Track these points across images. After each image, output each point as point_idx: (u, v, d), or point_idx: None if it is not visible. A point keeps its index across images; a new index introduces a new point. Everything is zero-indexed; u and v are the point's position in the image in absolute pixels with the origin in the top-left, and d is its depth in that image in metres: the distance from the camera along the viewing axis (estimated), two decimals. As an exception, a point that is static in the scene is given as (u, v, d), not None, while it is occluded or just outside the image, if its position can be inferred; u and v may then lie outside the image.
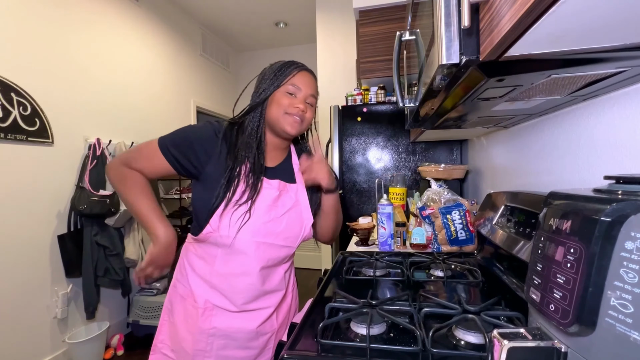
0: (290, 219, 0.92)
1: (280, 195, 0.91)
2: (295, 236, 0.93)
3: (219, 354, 0.89)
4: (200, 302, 0.89)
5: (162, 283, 2.69)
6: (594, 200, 0.40)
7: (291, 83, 0.89)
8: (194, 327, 0.88)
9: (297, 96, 0.90)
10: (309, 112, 0.92)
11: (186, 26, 3.54)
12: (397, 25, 2.11)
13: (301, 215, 0.94)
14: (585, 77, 0.56)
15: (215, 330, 0.88)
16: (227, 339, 0.89)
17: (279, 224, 0.90)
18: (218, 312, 0.89)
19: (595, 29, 0.38)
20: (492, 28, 0.43)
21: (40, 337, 2.07)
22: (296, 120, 0.89)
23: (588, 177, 0.75)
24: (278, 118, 0.89)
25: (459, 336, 0.62)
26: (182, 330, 0.90)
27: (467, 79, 0.56)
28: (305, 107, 0.90)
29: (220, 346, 0.89)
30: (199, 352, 0.88)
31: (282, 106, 0.88)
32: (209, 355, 0.88)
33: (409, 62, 1.05)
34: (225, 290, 0.89)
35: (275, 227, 0.89)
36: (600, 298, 0.36)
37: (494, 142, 1.41)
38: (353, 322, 0.68)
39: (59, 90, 2.19)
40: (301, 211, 0.94)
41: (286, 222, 0.91)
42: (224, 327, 0.89)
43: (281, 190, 0.92)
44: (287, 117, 0.89)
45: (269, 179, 0.91)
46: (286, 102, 0.88)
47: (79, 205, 2.14)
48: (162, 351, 0.93)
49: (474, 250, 1.19)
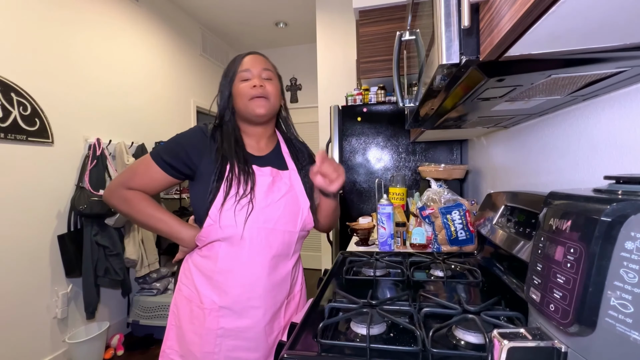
0: (287, 203, 0.93)
1: (274, 181, 0.93)
2: (294, 220, 0.94)
3: (228, 356, 0.88)
4: (207, 303, 0.88)
5: (162, 283, 2.69)
6: (594, 200, 0.40)
7: (241, 70, 0.93)
8: (201, 328, 0.88)
9: (251, 77, 0.93)
10: (269, 85, 0.94)
11: (186, 26, 3.54)
12: (397, 25, 2.11)
13: (297, 199, 0.95)
14: (585, 77, 0.56)
15: (224, 331, 0.87)
16: (235, 340, 0.88)
17: (276, 208, 0.91)
18: (224, 312, 0.88)
19: (595, 29, 0.38)
20: (492, 28, 0.43)
21: (40, 337, 2.07)
22: (261, 101, 0.92)
23: (588, 177, 0.75)
24: (246, 106, 0.92)
25: (459, 336, 0.62)
26: (189, 333, 0.89)
27: (467, 79, 0.56)
28: (262, 81, 0.92)
29: (229, 347, 0.88)
30: (207, 355, 0.87)
31: (243, 94, 0.92)
32: (217, 357, 0.87)
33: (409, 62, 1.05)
34: (230, 286, 0.88)
35: (274, 212, 0.90)
36: (600, 298, 0.36)
37: (494, 142, 1.41)
38: (353, 322, 0.68)
39: (59, 90, 2.19)
40: (297, 195, 0.96)
41: (283, 206, 0.92)
42: (231, 327, 0.88)
43: (274, 176, 0.94)
44: (252, 102, 0.92)
45: (260, 167, 0.93)
46: (244, 87, 0.92)
47: (79, 205, 2.14)
48: (171, 357, 0.92)
49: (474, 250, 1.19)
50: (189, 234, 0.91)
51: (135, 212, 0.89)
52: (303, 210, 0.95)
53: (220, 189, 0.87)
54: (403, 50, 1.16)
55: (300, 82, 4.38)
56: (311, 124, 4.23)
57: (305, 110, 4.35)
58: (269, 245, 0.89)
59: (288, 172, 0.98)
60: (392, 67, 0.90)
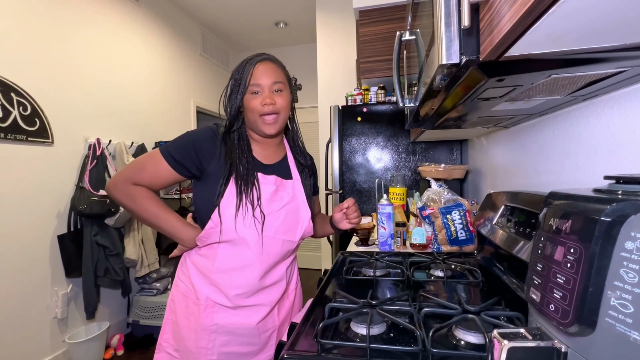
0: (288, 212, 0.94)
1: (277, 190, 0.94)
2: (295, 230, 0.95)
3: (221, 351, 0.90)
4: (202, 299, 0.90)
5: (162, 283, 2.69)
6: (594, 200, 0.40)
7: (252, 83, 0.90)
8: (196, 324, 0.90)
9: (262, 92, 0.90)
10: (280, 99, 0.92)
11: (186, 26, 3.54)
12: (397, 25, 2.11)
13: (299, 209, 0.97)
14: (585, 77, 0.56)
15: (217, 327, 0.90)
16: (229, 336, 0.90)
17: (277, 217, 0.92)
18: (219, 308, 0.90)
19: (595, 28, 0.38)
20: (492, 28, 0.43)
21: (40, 337, 2.07)
22: (270, 119, 0.91)
23: (588, 177, 0.75)
24: (256, 122, 0.92)
25: (459, 336, 0.62)
26: (184, 329, 0.92)
27: (467, 79, 0.56)
28: (273, 97, 0.90)
29: (223, 343, 0.90)
30: (201, 350, 0.89)
31: (253, 110, 0.90)
32: (211, 352, 0.89)
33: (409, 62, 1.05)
34: (225, 286, 0.90)
35: (274, 221, 0.91)
36: (600, 298, 0.36)
37: (494, 142, 1.41)
38: (353, 322, 0.68)
39: (59, 90, 2.19)
40: (298, 205, 0.97)
41: (284, 216, 0.93)
42: (225, 323, 0.90)
43: (278, 185, 0.94)
44: (261, 119, 0.91)
45: (265, 175, 0.93)
46: (256, 104, 0.90)
47: (79, 205, 2.14)
48: (167, 350, 0.95)
49: (474, 250, 1.19)
50: (191, 234, 0.92)
51: (141, 209, 0.89)
52: (304, 221, 0.97)
53: (225, 194, 0.88)
54: (403, 50, 1.16)
55: (300, 82, 4.34)
56: (311, 124, 4.23)
57: (305, 110, 4.35)
58: (268, 253, 0.91)
59: (292, 181, 0.99)
60: (392, 67, 0.90)
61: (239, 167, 0.90)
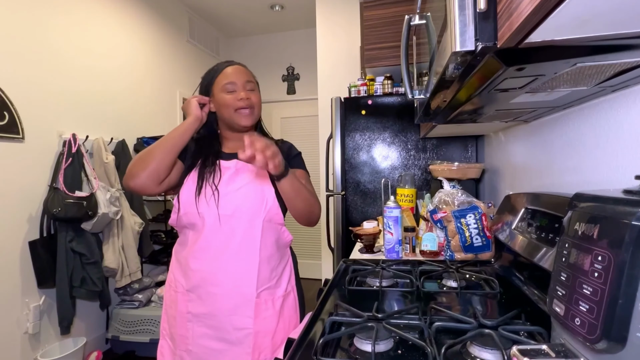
0: (249, 190, 1.05)
1: (237, 172, 1.07)
2: (257, 207, 1.04)
3: (197, 343, 1.02)
4: (179, 287, 1.06)
5: (144, 294, 2.69)
6: (624, 202, 0.40)
7: (226, 82, 1.06)
8: (176, 311, 1.06)
9: (237, 88, 1.07)
10: (254, 96, 1.09)
11: (171, 10, 3.54)
12: (406, 8, 2.11)
13: (262, 187, 1.06)
14: (614, 66, 0.56)
15: (191, 316, 1.03)
16: (202, 327, 1.02)
17: (236, 197, 1.04)
18: (191, 296, 1.03)
19: (626, 10, 0.38)
20: (511, 11, 0.43)
21: (10, 354, 2.07)
22: (247, 112, 1.08)
23: (617, 176, 0.75)
24: (231, 117, 1.07)
25: (474, 353, 0.62)
26: (170, 317, 1.09)
27: (483, 67, 0.56)
28: (247, 93, 1.08)
29: (199, 334, 1.02)
30: (182, 338, 1.04)
31: (229, 105, 1.06)
32: (190, 342, 1.03)
33: (418, 49, 1.06)
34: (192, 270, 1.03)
35: (233, 199, 1.03)
36: (631, 311, 0.36)
37: (513, 137, 1.42)
38: (357, 337, 0.68)
39: (31, 80, 2.19)
40: (261, 184, 1.06)
41: (244, 195, 1.04)
42: (197, 312, 1.02)
43: (238, 168, 1.07)
44: (237, 113, 1.07)
45: (225, 160, 1.09)
46: (230, 99, 1.06)
47: (53, 208, 2.14)
48: (165, 338, 1.11)
49: (491, 258, 1.20)
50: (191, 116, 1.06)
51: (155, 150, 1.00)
52: (267, 199, 1.05)
53: (185, 182, 1.05)
54: (412, 36, 1.17)
55: (298, 71, 4.38)
56: (310, 117, 4.24)
57: (304, 103, 4.35)
58: (230, 233, 1.02)
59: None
60: (400, 54, 0.91)
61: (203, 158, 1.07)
